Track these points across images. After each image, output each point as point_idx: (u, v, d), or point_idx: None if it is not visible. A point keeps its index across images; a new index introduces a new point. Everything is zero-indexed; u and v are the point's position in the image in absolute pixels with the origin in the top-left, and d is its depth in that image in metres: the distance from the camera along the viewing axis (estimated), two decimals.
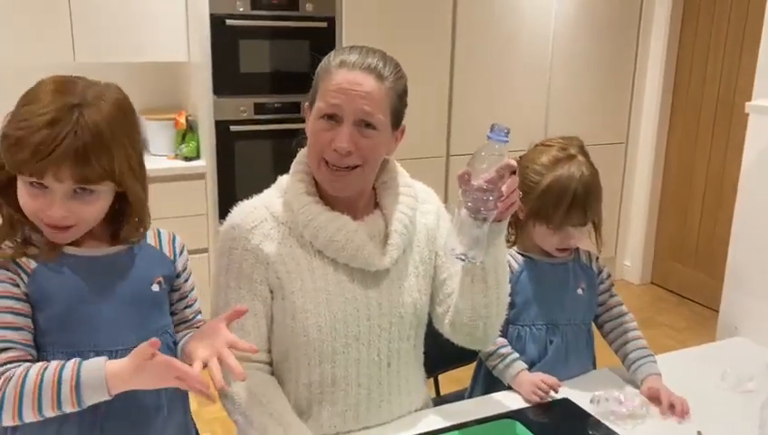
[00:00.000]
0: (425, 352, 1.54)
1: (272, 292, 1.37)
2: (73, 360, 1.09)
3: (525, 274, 1.61)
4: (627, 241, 4.43)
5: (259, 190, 1.45)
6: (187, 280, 1.32)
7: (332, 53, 1.36)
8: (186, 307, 1.33)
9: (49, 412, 1.07)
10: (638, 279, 4.41)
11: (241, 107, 3.22)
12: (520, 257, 1.63)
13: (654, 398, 1.50)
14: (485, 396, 1.57)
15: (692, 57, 4.04)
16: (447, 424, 1.41)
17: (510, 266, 1.58)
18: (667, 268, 4.33)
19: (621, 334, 1.65)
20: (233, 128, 3.21)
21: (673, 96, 4.16)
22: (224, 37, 3.10)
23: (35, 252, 1.15)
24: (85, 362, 1.08)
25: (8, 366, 1.08)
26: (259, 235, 1.36)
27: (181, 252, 1.31)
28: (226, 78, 3.16)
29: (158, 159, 3.25)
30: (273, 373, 1.41)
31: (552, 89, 3.94)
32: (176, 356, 1.25)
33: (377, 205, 1.44)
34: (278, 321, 1.38)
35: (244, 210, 1.40)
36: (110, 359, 1.10)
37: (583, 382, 1.57)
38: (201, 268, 2.84)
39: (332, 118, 1.31)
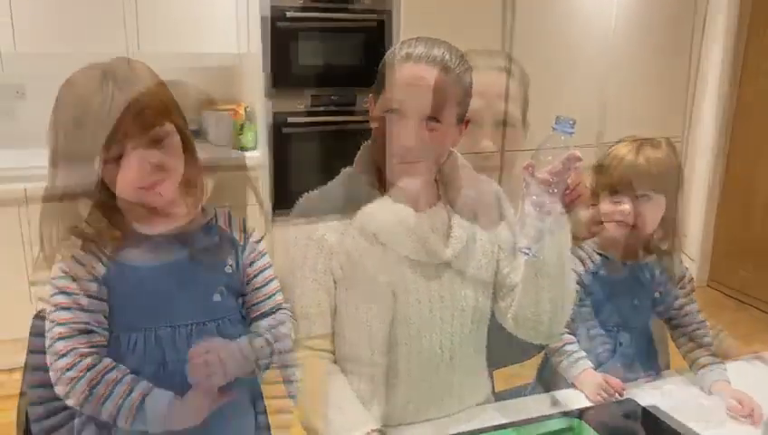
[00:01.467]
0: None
1: (335, 282, 1.37)
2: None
3: (601, 273, 1.58)
4: (684, 242, 4.30)
5: (312, 182, 1.45)
6: (253, 263, 1.30)
7: (398, 45, 1.35)
8: (255, 289, 1.30)
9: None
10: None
11: (297, 100, 3.25)
12: (597, 256, 1.59)
13: (734, 400, 1.45)
14: (547, 393, 1.55)
15: (759, 53, 3.91)
16: (509, 420, 1.40)
17: (585, 264, 1.56)
18: (725, 271, 4.21)
19: (692, 340, 1.61)
20: (289, 120, 3.24)
21: (739, 91, 4.03)
22: (282, 30, 3.14)
23: (115, 234, 1.18)
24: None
25: (99, 367, 1.13)
26: (323, 226, 1.37)
27: (250, 235, 1.31)
28: (284, 71, 3.20)
29: (217, 148, 3.30)
30: (335, 362, 1.41)
31: (611, 82, 3.86)
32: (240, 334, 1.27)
33: (439, 197, 1.44)
34: (341, 311, 1.38)
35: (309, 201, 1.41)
36: (171, 334, 1.17)
37: (650, 383, 1.54)
38: None
39: (397, 112, 1.30)
